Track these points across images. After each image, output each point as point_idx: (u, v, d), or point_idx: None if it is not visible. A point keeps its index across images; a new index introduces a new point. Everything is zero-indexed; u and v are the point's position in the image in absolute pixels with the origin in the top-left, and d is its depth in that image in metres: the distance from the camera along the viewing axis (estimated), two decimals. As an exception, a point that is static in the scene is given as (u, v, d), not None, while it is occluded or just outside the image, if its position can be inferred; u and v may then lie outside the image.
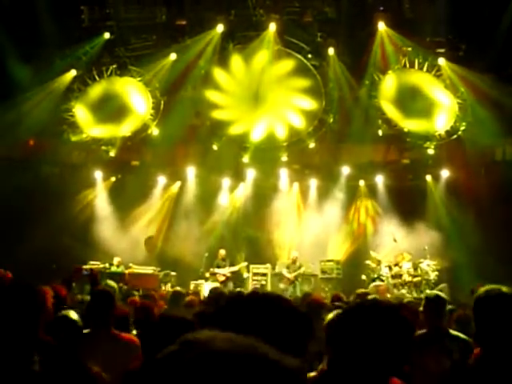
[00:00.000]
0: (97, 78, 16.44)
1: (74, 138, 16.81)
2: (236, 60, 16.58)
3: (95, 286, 11.19)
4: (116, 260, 16.01)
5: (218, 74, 16.79)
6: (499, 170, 16.06)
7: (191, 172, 18.34)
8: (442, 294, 6.72)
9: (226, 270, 16.46)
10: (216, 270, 16.46)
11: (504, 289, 3.09)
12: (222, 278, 16.28)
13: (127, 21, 15.79)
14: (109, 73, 16.39)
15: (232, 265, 16.69)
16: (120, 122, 16.95)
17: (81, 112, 16.73)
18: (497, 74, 14.79)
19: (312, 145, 17.71)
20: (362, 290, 9.63)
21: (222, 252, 16.79)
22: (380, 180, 17.96)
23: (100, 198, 17.86)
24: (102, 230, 17.12)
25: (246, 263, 16.93)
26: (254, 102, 16.93)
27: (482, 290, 3.17)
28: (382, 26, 15.44)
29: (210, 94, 17.05)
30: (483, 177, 16.22)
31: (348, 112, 17.05)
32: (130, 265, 16.02)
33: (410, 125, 16.55)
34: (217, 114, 17.42)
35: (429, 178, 17.56)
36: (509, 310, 3.00)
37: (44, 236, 14.92)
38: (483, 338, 3.09)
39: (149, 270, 16.16)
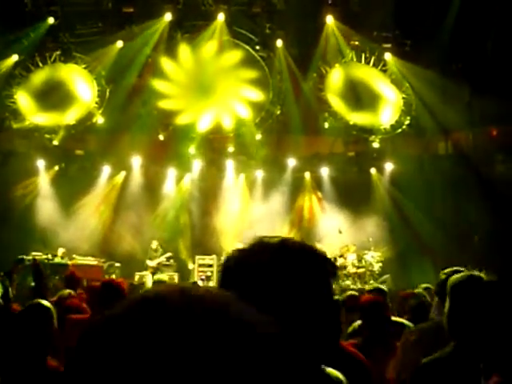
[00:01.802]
0: (40, 64, 16.03)
1: (15, 126, 16.37)
2: (184, 49, 16.45)
3: (38, 277, 10.97)
4: (60, 251, 15.68)
5: (166, 63, 16.64)
6: (442, 163, 16.48)
7: (137, 162, 18.09)
8: (382, 287, 6.87)
9: (155, 262, 16.31)
10: (147, 262, 16.36)
11: (476, 274, 3.10)
12: (151, 270, 16.15)
13: (73, 6, 15.42)
14: (52, 59, 16.01)
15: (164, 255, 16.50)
16: (64, 109, 16.60)
17: (23, 99, 16.29)
18: (442, 69, 15.11)
19: (258, 136, 17.74)
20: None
21: (154, 243, 16.66)
22: (325, 172, 18.14)
23: (43, 187, 17.42)
24: (45, 220, 16.73)
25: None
26: (201, 92, 16.85)
27: (455, 277, 3.12)
28: (330, 20, 15.58)
29: (157, 83, 16.87)
30: (426, 170, 16.58)
31: (295, 104, 17.13)
32: (74, 256, 15.73)
33: (356, 118, 16.79)
34: (164, 104, 17.25)
35: (373, 170, 17.84)
36: (482, 296, 2.93)
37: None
38: (458, 327, 3.01)
39: (93, 261, 15.91)
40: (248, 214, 18.36)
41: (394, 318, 5.87)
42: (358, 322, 5.71)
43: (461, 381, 2.77)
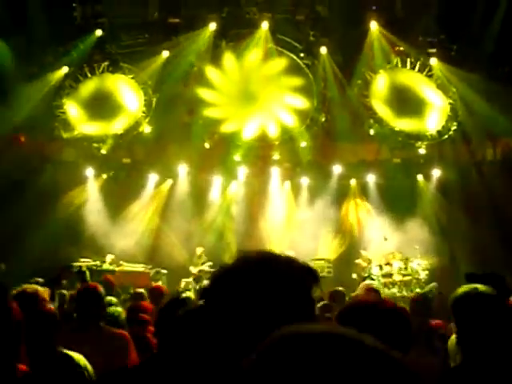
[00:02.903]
0: (89, 74, 16.40)
1: (65, 135, 16.76)
2: (228, 58, 16.58)
3: (83, 283, 11.20)
4: (109, 258, 16.00)
5: (211, 71, 16.78)
6: (490, 170, 16.15)
7: (183, 170, 18.30)
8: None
9: (197, 269, 16.43)
10: (190, 268, 16.50)
11: (480, 288, 3.09)
12: (193, 277, 16.27)
13: (119, 18, 15.75)
14: (101, 70, 16.35)
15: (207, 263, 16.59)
16: (111, 119, 16.91)
17: (72, 109, 16.67)
18: (488, 73, 14.82)
19: (304, 143, 17.73)
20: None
21: (199, 250, 16.78)
22: (371, 179, 18.00)
23: (92, 195, 17.79)
24: (94, 227, 17.07)
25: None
26: (246, 100, 16.95)
27: (459, 290, 3.15)
28: (374, 26, 15.48)
29: (203, 92, 17.03)
30: (474, 176, 16.26)
31: (339, 111, 17.06)
32: (121, 262, 16.00)
33: (402, 124, 16.60)
34: (209, 112, 17.41)
35: (420, 177, 17.61)
36: (487, 310, 2.97)
37: (35, 234, 14.89)
38: (464, 340, 3.06)
39: (139, 267, 16.15)
40: (293, 221, 18.36)
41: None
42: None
43: None
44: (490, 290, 3.09)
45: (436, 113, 16.31)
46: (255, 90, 16.84)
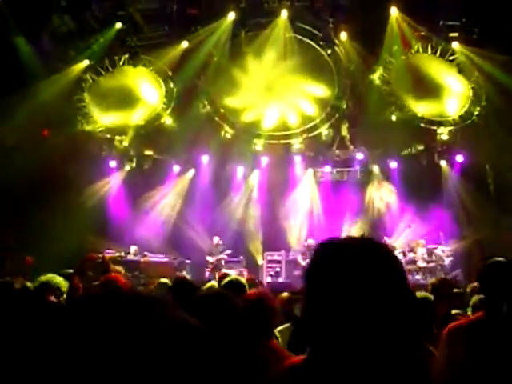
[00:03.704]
0: (109, 67, 16.52)
1: (87, 128, 16.91)
2: (248, 47, 16.56)
3: (106, 274, 11.32)
4: (133, 249, 16.16)
5: (230, 61, 16.78)
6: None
7: (205, 160, 18.36)
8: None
9: (215, 258, 16.52)
10: (207, 258, 16.58)
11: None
12: (211, 266, 16.37)
13: (139, 10, 15.81)
14: (121, 63, 16.45)
15: (224, 252, 16.67)
16: (133, 111, 17.06)
17: (94, 102, 16.82)
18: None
19: (325, 131, 17.67)
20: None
21: (216, 239, 16.86)
22: (394, 166, 17.88)
23: (115, 187, 17.93)
24: (119, 218, 17.21)
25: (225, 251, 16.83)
26: (266, 89, 16.94)
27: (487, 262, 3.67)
28: (394, 11, 15.34)
29: (223, 82, 17.04)
30: (496, 162, 16.05)
31: (361, 98, 16.97)
32: (145, 253, 16.14)
33: (423, 109, 16.49)
34: (229, 102, 17.44)
35: (443, 163, 17.45)
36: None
37: (60, 225, 15.08)
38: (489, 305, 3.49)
39: (164, 258, 16.29)
40: (316, 210, 18.33)
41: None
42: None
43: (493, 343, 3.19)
44: None
45: (456, 98, 16.17)
46: (275, 79, 16.81)
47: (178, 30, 16.24)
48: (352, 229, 17.87)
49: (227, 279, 6.17)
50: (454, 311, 6.59)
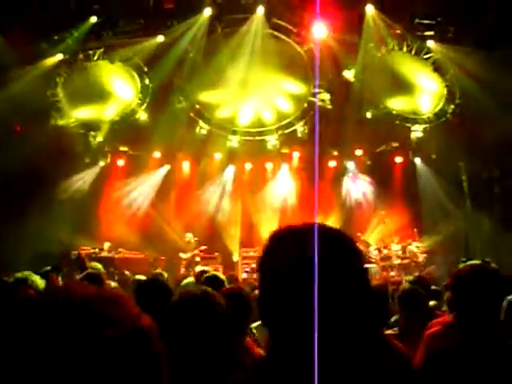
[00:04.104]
0: (83, 62, 16.32)
1: (60, 123, 16.70)
2: (224, 43, 16.48)
3: (83, 271, 11.20)
4: (107, 245, 16.05)
5: (206, 57, 16.69)
6: (488, 151, 16.11)
7: (180, 156, 18.29)
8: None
9: (188, 255, 16.50)
10: (180, 254, 16.56)
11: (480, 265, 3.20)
12: (184, 263, 16.35)
13: (114, 4, 15.60)
14: (96, 57, 16.25)
15: (198, 248, 16.64)
16: (107, 106, 16.91)
17: (67, 96, 16.61)
18: (487, 53, 14.73)
19: (301, 128, 17.71)
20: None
21: (188, 236, 16.84)
22: (369, 162, 18.01)
23: (89, 183, 17.76)
24: (92, 215, 17.06)
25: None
26: (241, 85, 16.87)
27: (462, 267, 3.29)
28: (370, 9, 15.40)
29: (199, 78, 16.96)
30: (471, 159, 16.25)
31: (337, 95, 17.02)
32: (120, 250, 16.04)
33: (397, 107, 16.65)
34: (205, 98, 17.39)
35: (418, 160, 17.63)
36: (490, 287, 3.02)
37: (35, 222, 14.87)
38: (463, 317, 3.13)
39: (139, 254, 16.20)
40: (291, 205, 18.38)
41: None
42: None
43: (470, 371, 2.83)
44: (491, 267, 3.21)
45: (430, 96, 16.33)
46: (251, 76, 16.77)
47: (154, 25, 16.07)
48: (326, 222, 17.92)
49: (207, 275, 6.15)
50: (431, 303, 6.71)
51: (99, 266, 8.61)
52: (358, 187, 18.31)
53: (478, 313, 3.00)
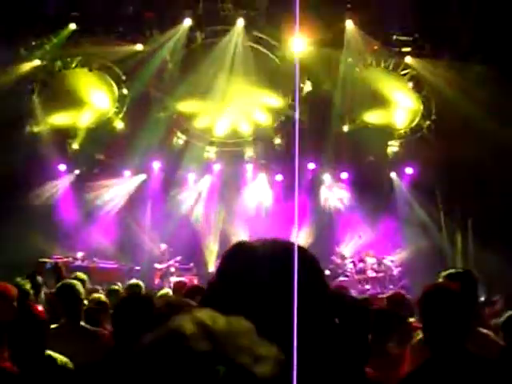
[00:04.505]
0: (61, 69, 16.19)
1: (36, 129, 16.53)
2: (203, 54, 16.49)
3: (59, 280, 11.05)
4: (80, 254, 15.87)
5: (186, 67, 16.67)
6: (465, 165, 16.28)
7: (156, 165, 18.21)
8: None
9: (163, 265, 16.44)
10: (155, 265, 16.48)
11: (447, 285, 3.24)
12: (160, 273, 16.28)
13: (94, 11, 15.53)
14: (74, 64, 16.14)
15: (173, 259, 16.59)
16: (83, 113, 16.80)
17: (43, 103, 16.45)
18: (463, 70, 14.96)
19: (278, 140, 17.77)
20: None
21: (163, 246, 16.78)
22: (345, 176, 18.11)
23: (64, 191, 17.57)
24: (67, 223, 16.88)
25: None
26: (220, 97, 16.88)
27: (429, 287, 3.32)
28: (349, 24, 15.56)
29: (177, 88, 16.94)
30: (448, 173, 16.43)
31: (315, 108, 17.11)
32: (94, 259, 15.88)
33: (374, 120, 16.81)
34: (183, 108, 17.36)
35: (393, 174, 17.78)
36: (454, 306, 3.08)
37: (6, 229, 14.66)
38: (431, 336, 3.18)
39: (113, 264, 16.05)
40: (267, 217, 18.39)
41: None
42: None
43: None
44: (457, 286, 3.25)
45: (406, 111, 16.53)
46: (229, 87, 16.79)
47: (133, 34, 16.03)
48: (300, 236, 17.99)
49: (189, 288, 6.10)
50: (411, 319, 6.73)
51: (84, 276, 8.49)
52: (334, 200, 18.39)
53: (444, 330, 3.06)
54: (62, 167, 17.49)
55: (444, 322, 3.06)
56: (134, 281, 12.54)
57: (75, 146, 17.16)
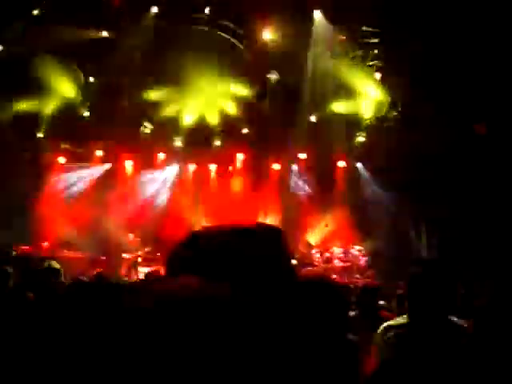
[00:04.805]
0: (24, 54, 15.87)
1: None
2: (170, 42, 16.33)
3: (26, 271, 10.89)
4: (45, 245, 15.67)
5: (152, 55, 16.49)
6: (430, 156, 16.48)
7: (123, 154, 18.03)
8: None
9: (131, 255, 16.35)
10: (123, 255, 16.38)
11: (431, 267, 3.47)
12: (127, 263, 16.18)
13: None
14: (38, 50, 15.83)
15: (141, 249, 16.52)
16: (48, 101, 16.54)
17: (5, 89, 16.12)
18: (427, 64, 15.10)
19: (245, 130, 17.75)
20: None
21: (131, 236, 16.68)
22: (311, 166, 18.15)
23: (31, 180, 17.26)
24: (31, 213, 16.60)
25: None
26: (187, 85, 16.75)
27: (416, 268, 3.52)
28: (317, 15, 15.56)
29: (144, 77, 16.77)
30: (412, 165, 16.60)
31: (282, 98, 17.11)
32: (59, 249, 15.68)
33: (341, 110, 16.88)
34: (149, 97, 17.19)
35: (359, 164, 17.88)
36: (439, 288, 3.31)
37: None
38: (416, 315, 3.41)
39: (78, 254, 15.87)
40: (235, 206, 18.33)
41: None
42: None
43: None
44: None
45: (373, 102, 16.63)
46: (197, 76, 16.66)
47: (99, 21, 15.79)
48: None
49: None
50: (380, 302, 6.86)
51: (57, 265, 8.33)
52: (301, 190, 18.41)
53: (430, 306, 3.30)
54: (27, 156, 17.18)
55: (430, 299, 3.28)
56: (97, 271, 12.48)
57: (40, 134, 16.88)
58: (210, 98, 17.28)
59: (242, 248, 1.52)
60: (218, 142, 18.11)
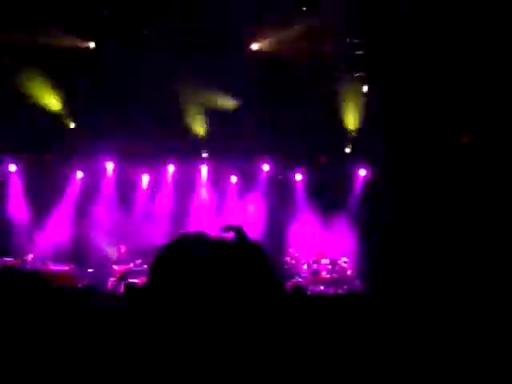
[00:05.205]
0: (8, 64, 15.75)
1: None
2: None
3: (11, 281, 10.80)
4: (29, 256, 15.55)
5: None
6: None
7: (109, 164, 17.93)
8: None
9: (122, 268, 16.24)
10: (114, 267, 16.28)
11: None
12: (118, 275, 16.07)
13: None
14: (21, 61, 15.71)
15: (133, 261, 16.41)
16: (31, 112, 16.42)
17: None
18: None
19: (233, 141, 17.67)
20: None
21: (123, 248, 16.57)
22: (299, 177, 18.10)
23: (14, 191, 17.14)
24: (16, 225, 16.49)
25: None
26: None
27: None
28: (301, 27, 15.49)
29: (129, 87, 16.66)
30: (398, 176, 16.63)
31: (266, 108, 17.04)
32: (45, 262, 15.56)
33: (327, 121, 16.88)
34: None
35: (347, 175, 17.85)
36: None
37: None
38: None
39: (65, 267, 15.75)
40: (222, 216, 18.26)
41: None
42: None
43: None
44: None
45: (361, 112, 16.64)
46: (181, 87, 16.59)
47: (86, 31, 15.66)
48: (256, 238, 17.90)
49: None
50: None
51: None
52: (288, 199, 18.34)
53: None
54: (12, 167, 17.07)
55: None
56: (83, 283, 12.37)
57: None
58: (195, 109, 17.20)
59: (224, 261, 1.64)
60: (205, 153, 18.07)
